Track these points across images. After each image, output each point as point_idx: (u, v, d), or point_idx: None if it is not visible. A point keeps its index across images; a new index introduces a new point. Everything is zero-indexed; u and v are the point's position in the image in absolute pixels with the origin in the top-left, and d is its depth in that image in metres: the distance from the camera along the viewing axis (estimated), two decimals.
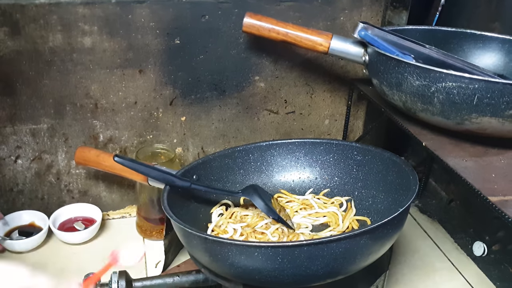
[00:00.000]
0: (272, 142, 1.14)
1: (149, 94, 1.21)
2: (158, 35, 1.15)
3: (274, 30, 1.11)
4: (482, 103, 0.89)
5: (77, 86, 1.15)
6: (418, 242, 1.29)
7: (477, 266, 1.21)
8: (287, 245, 0.78)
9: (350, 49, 1.11)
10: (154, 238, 1.23)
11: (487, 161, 0.96)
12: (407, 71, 0.95)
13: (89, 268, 1.09)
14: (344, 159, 1.12)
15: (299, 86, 1.30)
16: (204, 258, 0.86)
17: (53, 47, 1.10)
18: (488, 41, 1.22)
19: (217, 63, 1.21)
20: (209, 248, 0.82)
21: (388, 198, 1.03)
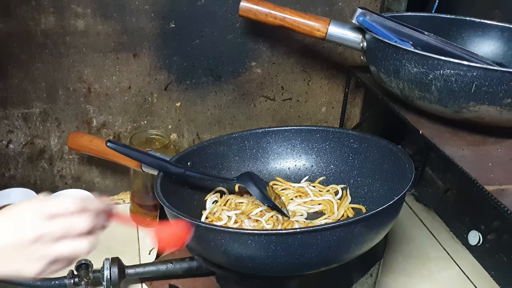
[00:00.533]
0: (268, 129, 1.13)
1: (144, 78, 1.19)
2: (153, 18, 1.13)
3: (271, 14, 1.09)
4: (480, 91, 0.88)
5: (70, 70, 1.13)
6: (414, 231, 1.28)
7: (472, 255, 1.21)
8: (280, 232, 0.77)
9: (348, 35, 1.09)
10: (147, 226, 1.22)
11: (484, 150, 0.95)
12: (405, 58, 0.94)
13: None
14: (340, 146, 1.11)
15: (296, 73, 1.28)
16: (198, 246, 0.85)
17: (45, 29, 1.08)
18: (488, 29, 1.21)
19: (213, 48, 1.20)
20: (202, 235, 0.81)
21: (384, 187, 1.02)
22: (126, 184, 1.30)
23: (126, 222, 0.73)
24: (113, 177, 1.29)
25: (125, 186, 1.31)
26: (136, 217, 1.23)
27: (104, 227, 0.64)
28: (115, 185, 1.30)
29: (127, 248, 1.15)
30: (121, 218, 0.68)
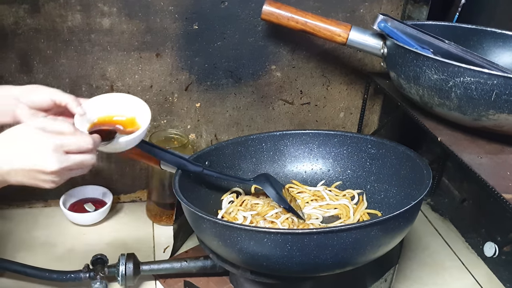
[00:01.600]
0: (286, 131, 1.14)
1: (165, 78, 1.21)
2: (176, 19, 1.14)
3: (293, 18, 1.10)
4: (500, 99, 0.88)
5: (93, 67, 1.15)
6: (429, 239, 1.27)
7: (487, 266, 1.19)
8: (297, 232, 0.78)
9: (369, 41, 1.10)
10: (163, 223, 1.23)
11: (502, 159, 0.95)
12: (425, 65, 0.95)
13: (97, 249, 1.11)
14: (357, 152, 1.11)
15: (316, 77, 1.29)
16: (213, 242, 0.86)
17: (71, 26, 1.10)
18: (509, 40, 1.21)
19: (234, 50, 1.21)
20: (218, 232, 0.82)
21: (401, 193, 1.02)
22: (143, 182, 1.32)
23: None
24: (131, 175, 1.30)
25: (142, 184, 1.32)
26: (152, 215, 1.25)
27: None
28: (133, 183, 1.31)
29: (142, 245, 1.17)
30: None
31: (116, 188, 1.29)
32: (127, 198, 1.32)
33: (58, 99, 0.80)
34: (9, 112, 0.79)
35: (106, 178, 1.29)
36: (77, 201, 1.24)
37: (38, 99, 0.80)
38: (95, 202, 1.24)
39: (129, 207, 1.30)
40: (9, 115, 0.80)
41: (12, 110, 0.79)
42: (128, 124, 0.83)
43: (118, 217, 1.26)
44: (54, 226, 1.20)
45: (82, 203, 1.24)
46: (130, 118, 0.84)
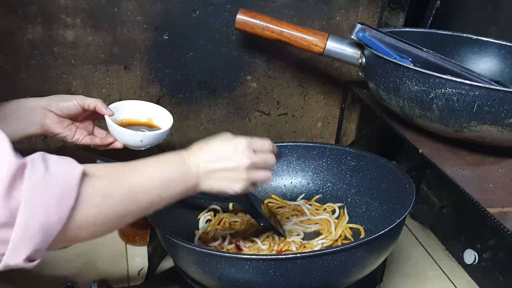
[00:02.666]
0: None
1: (135, 91, 1.15)
2: (145, 29, 1.10)
3: (268, 28, 1.06)
4: (482, 110, 0.87)
5: (58, 82, 1.09)
6: (410, 249, 1.26)
7: (468, 274, 1.18)
8: (279, 258, 0.74)
9: (347, 51, 1.07)
10: (137, 244, 1.18)
11: (484, 170, 0.94)
12: (405, 76, 0.92)
13: (66, 274, 1.05)
14: (337, 164, 1.09)
15: (292, 87, 1.26)
16: (191, 269, 0.81)
17: (32, 39, 1.04)
18: (485, 46, 1.20)
19: (208, 61, 1.17)
20: (196, 259, 0.77)
21: (383, 206, 1.00)
22: None
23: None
24: None
25: None
26: (124, 235, 1.19)
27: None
28: None
29: (115, 268, 1.11)
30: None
31: None
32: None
33: (87, 104, 0.86)
34: (38, 122, 0.83)
35: None
36: None
37: (66, 106, 0.85)
38: None
39: None
40: (38, 125, 0.84)
41: (40, 120, 0.83)
42: (149, 125, 0.95)
43: None
44: None
45: None
46: (148, 119, 0.96)
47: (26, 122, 0.83)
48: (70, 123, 0.87)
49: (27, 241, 0.51)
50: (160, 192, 0.66)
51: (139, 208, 0.64)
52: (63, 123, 0.86)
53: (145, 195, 0.64)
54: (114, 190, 0.60)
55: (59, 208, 0.53)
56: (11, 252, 0.51)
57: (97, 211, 0.57)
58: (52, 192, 0.52)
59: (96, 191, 0.57)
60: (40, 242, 0.52)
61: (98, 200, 0.57)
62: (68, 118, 0.87)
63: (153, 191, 0.65)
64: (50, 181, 0.52)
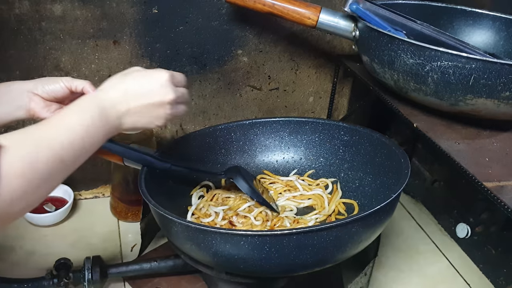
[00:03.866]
0: (255, 120, 1.10)
1: (124, 67, 1.12)
2: (134, 3, 1.07)
3: (259, 1, 1.04)
4: (478, 83, 0.86)
5: (46, 58, 1.07)
6: (402, 223, 1.26)
7: (460, 248, 1.19)
8: (275, 233, 0.74)
9: (340, 24, 1.05)
10: (129, 220, 1.17)
11: (479, 144, 0.93)
12: (400, 49, 0.91)
13: (59, 252, 1.05)
14: (330, 139, 1.08)
15: (284, 62, 1.24)
16: (185, 245, 0.81)
17: (19, 14, 1.01)
18: (479, 18, 1.19)
19: (198, 35, 1.14)
20: (191, 236, 0.77)
21: (376, 181, 1.00)
22: (106, 177, 1.24)
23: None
24: (92, 170, 1.23)
25: (105, 179, 1.25)
26: (116, 212, 1.18)
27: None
28: (94, 178, 1.24)
29: (108, 244, 1.11)
30: None
31: (76, 184, 1.22)
32: (89, 194, 1.25)
33: (74, 86, 0.81)
34: (23, 106, 0.79)
35: None
36: None
37: (53, 89, 0.80)
38: (55, 201, 1.17)
39: (91, 204, 1.24)
40: (23, 109, 0.80)
41: (26, 104, 0.79)
42: None
43: (80, 216, 1.19)
44: (11, 228, 1.12)
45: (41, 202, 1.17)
46: None
47: (11, 106, 0.79)
48: (58, 106, 0.83)
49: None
50: (82, 143, 0.62)
51: (66, 166, 0.61)
52: (50, 107, 0.81)
53: (69, 150, 0.60)
54: (37, 154, 0.57)
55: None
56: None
57: (23, 181, 0.54)
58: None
59: (17, 159, 0.54)
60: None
61: (22, 169, 0.54)
62: (55, 102, 0.82)
63: (75, 143, 0.61)
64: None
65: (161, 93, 0.71)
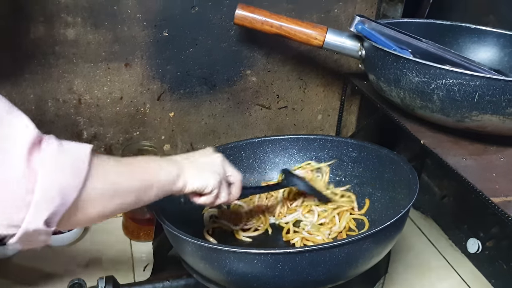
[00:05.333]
0: (264, 138, 1.11)
1: (136, 88, 1.15)
2: (145, 27, 1.09)
3: (267, 22, 1.07)
4: (483, 100, 0.87)
5: (59, 81, 1.09)
6: (412, 239, 1.26)
7: (471, 263, 1.19)
8: (288, 251, 0.75)
9: (346, 43, 1.07)
10: (141, 240, 1.18)
11: (486, 160, 0.94)
12: (406, 67, 0.92)
13: (73, 271, 1.06)
14: (339, 155, 1.09)
15: (292, 81, 1.26)
16: (199, 265, 0.82)
17: (34, 39, 1.04)
18: (484, 35, 1.20)
19: (207, 57, 1.17)
20: (205, 255, 0.78)
21: (386, 196, 1.00)
22: None
23: None
24: None
25: None
26: (129, 232, 1.19)
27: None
28: None
29: (120, 264, 1.11)
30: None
31: None
32: None
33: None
34: None
35: None
36: None
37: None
38: None
39: (104, 224, 1.23)
40: None
41: None
42: None
43: (93, 236, 1.20)
44: (27, 250, 1.14)
45: None
46: None
47: None
48: None
49: (47, 203, 0.55)
50: (152, 185, 0.71)
51: (138, 195, 0.68)
52: None
53: (144, 184, 0.69)
54: (121, 169, 0.66)
55: (74, 175, 0.57)
56: (32, 215, 0.54)
57: (105, 185, 0.62)
58: (68, 161, 0.57)
59: (105, 164, 0.63)
60: (58, 205, 0.56)
61: (107, 174, 0.63)
62: None
63: (150, 180, 0.70)
64: (65, 151, 0.57)
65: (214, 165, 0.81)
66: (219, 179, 0.80)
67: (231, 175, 0.84)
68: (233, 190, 0.84)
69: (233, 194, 0.84)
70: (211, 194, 0.79)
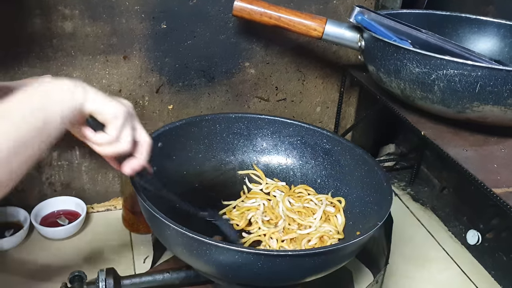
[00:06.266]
0: (242, 114, 1.09)
1: (134, 81, 1.15)
2: (143, 19, 1.09)
3: (266, 14, 1.06)
4: (484, 91, 0.87)
5: (58, 74, 1.09)
6: (412, 231, 1.27)
7: (471, 254, 1.19)
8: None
9: (345, 34, 1.07)
10: (141, 232, 1.18)
11: (487, 151, 0.94)
12: (406, 58, 0.92)
13: (73, 264, 1.06)
14: (312, 144, 1.08)
15: (291, 72, 1.26)
16: (177, 248, 0.83)
17: (31, 32, 1.03)
18: (484, 26, 1.20)
19: (206, 49, 1.16)
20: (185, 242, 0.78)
21: (353, 194, 1.00)
22: (117, 189, 1.26)
23: None
24: (103, 183, 1.25)
25: (116, 192, 1.26)
26: (128, 224, 1.19)
27: None
28: (106, 191, 1.26)
29: (121, 256, 1.12)
30: None
31: (88, 198, 1.24)
32: (101, 207, 1.26)
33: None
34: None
35: (78, 188, 1.23)
36: (49, 214, 1.18)
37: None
38: (68, 214, 1.18)
39: (104, 216, 1.25)
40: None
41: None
42: None
43: (93, 228, 1.20)
44: (26, 241, 1.14)
45: (54, 215, 1.18)
46: None
47: None
48: None
49: None
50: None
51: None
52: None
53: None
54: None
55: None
56: None
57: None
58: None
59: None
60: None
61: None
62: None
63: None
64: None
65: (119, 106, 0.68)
66: (125, 112, 0.68)
67: (140, 132, 0.73)
68: (139, 150, 0.73)
69: (139, 155, 0.73)
70: (112, 131, 0.68)
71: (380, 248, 1.01)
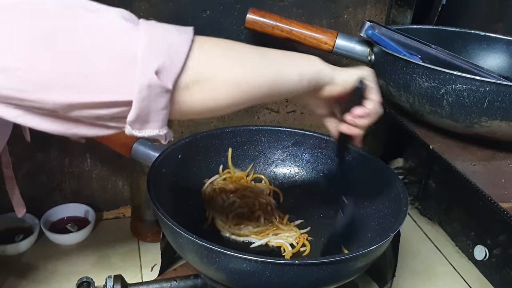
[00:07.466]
0: (262, 127, 1.13)
1: None
2: None
3: (278, 27, 1.07)
4: (492, 106, 0.87)
5: None
6: (419, 245, 1.26)
7: (478, 270, 1.19)
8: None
9: (356, 48, 1.08)
10: (149, 241, 1.19)
11: (495, 166, 0.94)
12: (415, 72, 0.93)
13: (81, 270, 1.07)
14: (332, 157, 1.09)
15: None
16: (188, 256, 0.84)
17: None
18: (493, 42, 1.21)
19: None
20: (196, 250, 0.79)
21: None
22: (126, 197, 1.27)
23: None
24: (113, 191, 1.26)
25: (125, 200, 1.27)
26: (137, 232, 1.20)
27: None
28: (116, 198, 1.27)
29: (128, 264, 1.12)
30: None
31: (98, 205, 1.25)
32: (110, 214, 1.27)
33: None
34: None
35: (87, 195, 1.24)
36: (59, 220, 1.20)
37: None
38: (77, 221, 1.20)
39: (112, 224, 1.26)
40: None
41: None
42: None
43: (101, 235, 1.21)
44: (35, 247, 1.15)
45: (63, 222, 1.20)
46: None
47: None
48: None
49: (155, 54, 0.55)
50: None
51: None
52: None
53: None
54: (225, 48, 0.65)
55: (181, 37, 0.59)
56: (141, 67, 0.53)
57: (208, 61, 0.60)
58: (172, 27, 0.60)
59: (209, 40, 0.62)
60: (167, 60, 0.55)
61: (210, 47, 0.62)
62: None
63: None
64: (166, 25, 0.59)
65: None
66: (372, 74, 0.77)
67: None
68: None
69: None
70: (376, 96, 0.78)
71: (387, 261, 1.01)
